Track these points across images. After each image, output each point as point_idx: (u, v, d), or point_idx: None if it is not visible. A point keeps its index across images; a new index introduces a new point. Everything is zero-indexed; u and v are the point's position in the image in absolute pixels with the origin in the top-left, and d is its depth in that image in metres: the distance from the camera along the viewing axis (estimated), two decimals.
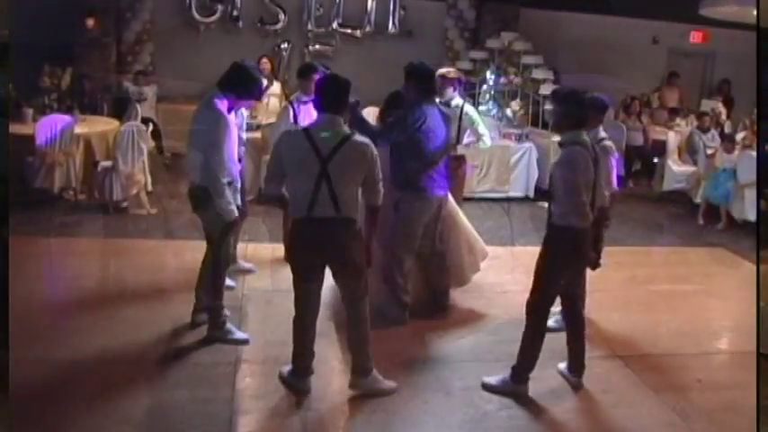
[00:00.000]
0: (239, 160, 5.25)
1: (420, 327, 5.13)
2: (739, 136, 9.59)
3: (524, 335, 4.31)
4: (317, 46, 11.77)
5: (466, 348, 4.99)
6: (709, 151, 9.43)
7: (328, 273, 4.12)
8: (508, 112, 10.26)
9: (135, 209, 7.69)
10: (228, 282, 5.27)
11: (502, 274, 6.29)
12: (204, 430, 3.77)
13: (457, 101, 6.26)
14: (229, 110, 4.51)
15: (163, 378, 4.28)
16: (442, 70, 6.43)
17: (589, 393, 4.45)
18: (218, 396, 4.10)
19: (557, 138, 4.48)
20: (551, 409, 4.27)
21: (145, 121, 8.64)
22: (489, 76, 10.68)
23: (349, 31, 11.82)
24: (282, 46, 11.59)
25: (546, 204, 4.37)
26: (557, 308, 4.82)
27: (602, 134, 5.04)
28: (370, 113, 5.60)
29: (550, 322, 5.07)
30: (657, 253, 7.72)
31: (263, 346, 4.73)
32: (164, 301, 5.36)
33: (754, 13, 4.73)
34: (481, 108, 10.03)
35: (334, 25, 11.74)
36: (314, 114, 4.20)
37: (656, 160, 10.62)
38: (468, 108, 6.38)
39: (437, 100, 6.17)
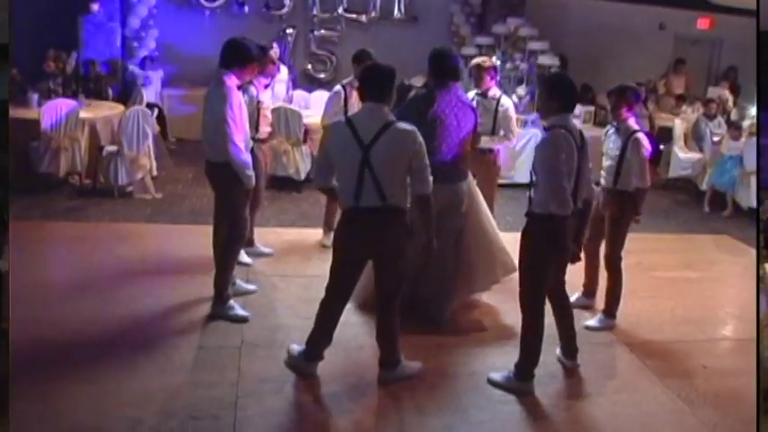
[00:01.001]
0: (263, 141, 5.68)
1: (424, 313, 5.12)
2: (746, 123, 9.55)
3: (522, 331, 4.22)
4: (323, 31, 11.75)
5: (471, 333, 4.99)
6: (716, 138, 9.41)
7: None
8: (514, 97, 10.21)
9: (140, 193, 7.70)
10: (245, 258, 5.69)
11: None
12: (209, 413, 3.78)
13: (494, 91, 6.04)
14: (239, 87, 4.76)
15: (167, 361, 4.29)
16: (477, 60, 6.22)
17: (594, 379, 4.46)
18: (223, 379, 4.11)
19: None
20: (556, 394, 4.28)
21: (150, 106, 8.65)
22: (495, 61, 10.63)
23: (354, 16, 11.77)
24: (288, 31, 11.55)
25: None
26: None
27: (635, 126, 4.97)
28: None
29: (593, 322, 5.08)
30: (663, 240, 7.70)
31: (270, 330, 4.74)
32: (168, 285, 5.38)
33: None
34: None
35: (340, 10, 11.70)
36: None
37: (662, 147, 10.58)
38: (506, 100, 6.12)
39: (474, 91, 6.08)
